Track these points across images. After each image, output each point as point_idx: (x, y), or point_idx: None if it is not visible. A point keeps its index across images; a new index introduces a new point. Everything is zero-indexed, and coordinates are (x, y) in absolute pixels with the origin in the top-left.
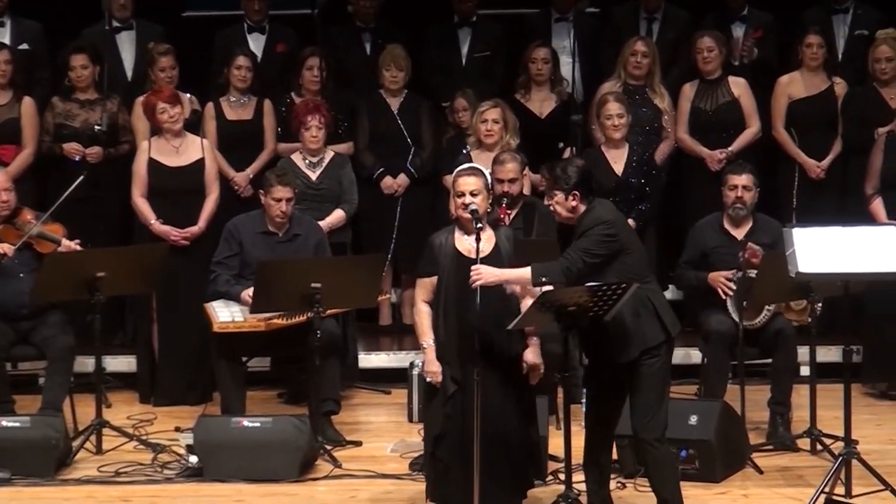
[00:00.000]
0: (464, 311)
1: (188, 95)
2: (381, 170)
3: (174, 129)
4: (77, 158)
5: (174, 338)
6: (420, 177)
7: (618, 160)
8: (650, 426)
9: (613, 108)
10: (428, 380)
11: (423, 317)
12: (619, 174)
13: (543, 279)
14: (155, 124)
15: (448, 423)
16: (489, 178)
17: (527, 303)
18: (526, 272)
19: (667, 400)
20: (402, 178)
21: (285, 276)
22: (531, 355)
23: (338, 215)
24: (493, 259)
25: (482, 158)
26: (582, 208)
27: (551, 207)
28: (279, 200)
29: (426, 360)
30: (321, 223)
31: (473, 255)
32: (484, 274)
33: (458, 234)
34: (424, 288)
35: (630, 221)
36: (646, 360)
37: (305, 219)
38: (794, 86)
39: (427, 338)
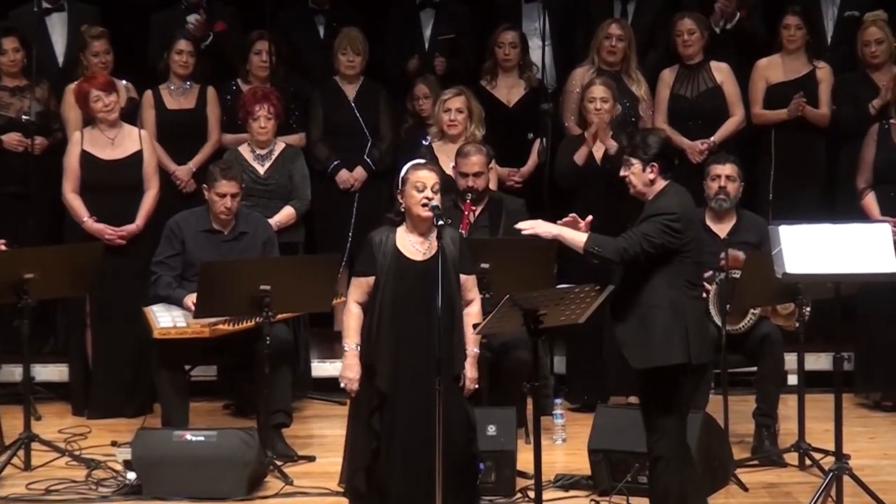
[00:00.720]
0: (401, 317)
1: (124, 82)
2: (337, 162)
3: (109, 119)
4: (20, 150)
5: (110, 345)
6: (378, 170)
7: (600, 148)
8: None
9: (598, 91)
10: (342, 385)
11: (351, 318)
12: (599, 162)
13: (596, 249)
14: (88, 114)
15: (375, 439)
16: (448, 171)
17: (471, 309)
18: (581, 237)
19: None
20: (360, 172)
21: (231, 277)
22: (471, 368)
23: (287, 213)
24: (436, 262)
25: (445, 150)
26: (660, 185)
27: (627, 178)
28: (224, 196)
29: (344, 365)
30: (270, 221)
31: (416, 257)
32: (539, 225)
33: (400, 233)
34: (359, 288)
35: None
36: (661, 381)
37: (253, 216)
38: (772, 69)
39: (351, 341)
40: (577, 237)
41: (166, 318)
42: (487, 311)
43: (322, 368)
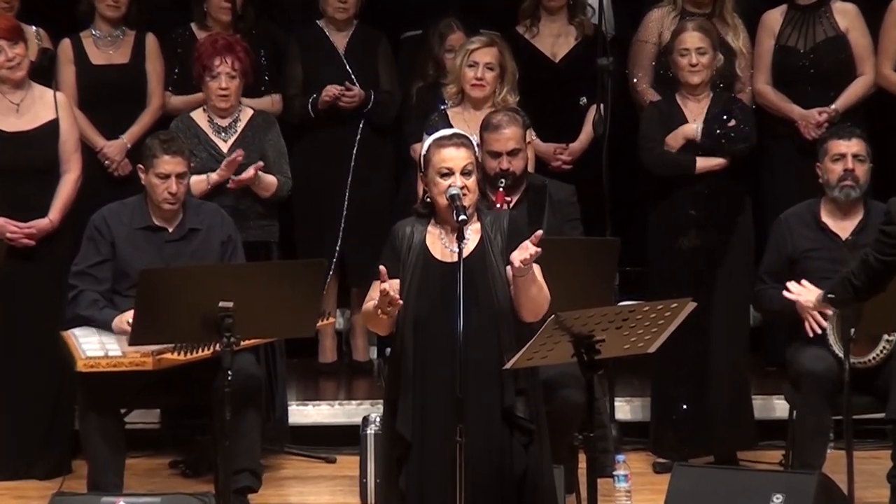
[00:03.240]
0: (427, 338)
1: (34, 29)
2: (315, 95)
3: (13, 78)
4: None
5: (17, 380)
6: (375, 115)
7: (697, 115)
8: None
9: (693, 39)
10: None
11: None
12: (698, 138)
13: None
14: None
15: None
16: (476, 150)
17: (530, 293)
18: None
19: None
20: (357, 91)
21: (180, 290)
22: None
23: (270, 180)
24: (477, 262)
25: (465, 119)
26: None
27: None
28: (166, 177)
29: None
30: (244, 177)
31: (445, 258)
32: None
33: (432, 229)
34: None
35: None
36: None
37: (207, 207)
38: None
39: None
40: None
41: (94, 346)
42: (526, 338)
43: (302, 414)
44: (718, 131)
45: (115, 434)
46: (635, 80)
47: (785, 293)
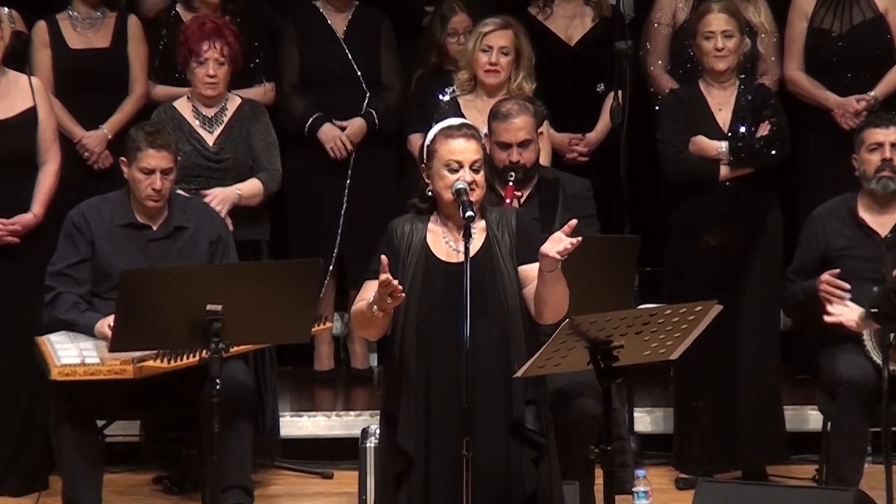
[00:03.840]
0: (431, 345)
1: (6, 10)
2: (318, 115)
3: None
4: None
5: None
6: (385, 127)
7: (723, 104)
8: None
9: (719, 22)
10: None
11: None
12: (726, 129)
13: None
14: None
15: None
16: (484, 143)
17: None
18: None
19: None
20: (357, 125)
21: (164, 292)
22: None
23: (254, 185)
24: (484, 262)
25: (477, 107)
26: None
27: None
28: (151, 173)
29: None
30: (227, 190)
31: (449, 259)
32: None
33: (433, 226)
34: (372, 292)
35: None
36: None
37: (194, 203)
38: None
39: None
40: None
41: (71, 352)
42: (539, 343)
43: (297, 425)
44: (746, 146)
45: (92, 448)
46: (650, 67)
47: (826, 318)
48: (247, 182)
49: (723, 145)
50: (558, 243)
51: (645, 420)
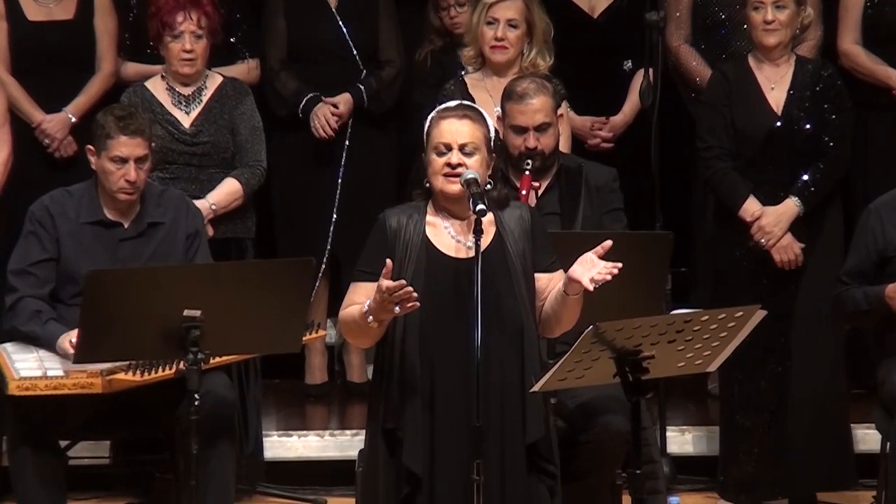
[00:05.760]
0: (437, 351)
1: None
2: (311, 95)
3: None
4: None
5: None
6: (376, 108)
7: (776, 82)
8: None
9: None
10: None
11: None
12: (779, 111)
13: None
14: None
15: None
16: (491, 125)
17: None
18: None
19: None
20: (345, 103)
21: (135, 296)
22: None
23: (229, 189)
24: (495, 257)
25: (486, 87)
26: None
27: None
28: (124, 162)
29: (371, 308)
30: (201, 202)
31: (458, 254)
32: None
33: (431, 217)
34: (365, 298)
35: (792, 203)
36: None
37: (170, 195)
38: None
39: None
40: None
41: (29, 364)
42: (559, 354)
43: (285, 446)
44: (818, 190)
45: (53, 472)
46: (669, 39)
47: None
48: (221, 186)
49: (795, 202)
50: (590, 267)
51: (678, 440)
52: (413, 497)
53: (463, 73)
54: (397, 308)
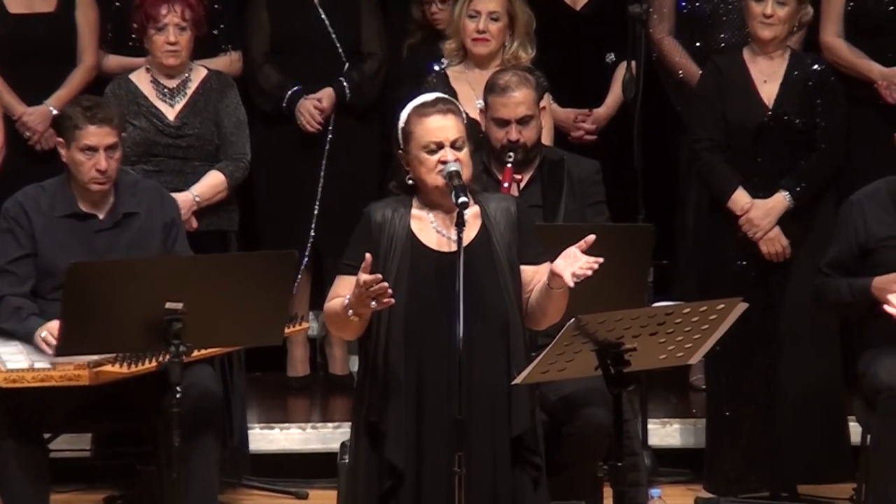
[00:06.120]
0: (421, 344)
1: None
2: (297, 88)
3: None
4: None
5: None
6: (359, 101)
7: (769, 76)
8: None
9: None
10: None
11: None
12: (770, 104)
13: None
14: None
15: None
16: (464, 116)
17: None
18: None
19: None
20: (327, 98)
21: (117, 289)
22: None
23: (213, 181)
24: (480, 253)
25: (468, 80)
26: None
27: None
28: (93, 151)
29: (350, 302)
30: (182, 196)
31: (442, 248)
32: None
33: (417, 212)
34: (348, 289)
35: (782, 197)
36: None
37: (144, 185)
38: None
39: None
40: None
41: (16, 358)
42: (541, 346)
43: (267, 439)
44: (809, 185)
45: (37, 464)
46: (652, 30)
47: (886, 307)
48: (205, 178)
49: (784, 196)
50: (573, 261)
51: (660, 433)
52: (396, 490)
53: (436, 66)
54: (374, 303)
